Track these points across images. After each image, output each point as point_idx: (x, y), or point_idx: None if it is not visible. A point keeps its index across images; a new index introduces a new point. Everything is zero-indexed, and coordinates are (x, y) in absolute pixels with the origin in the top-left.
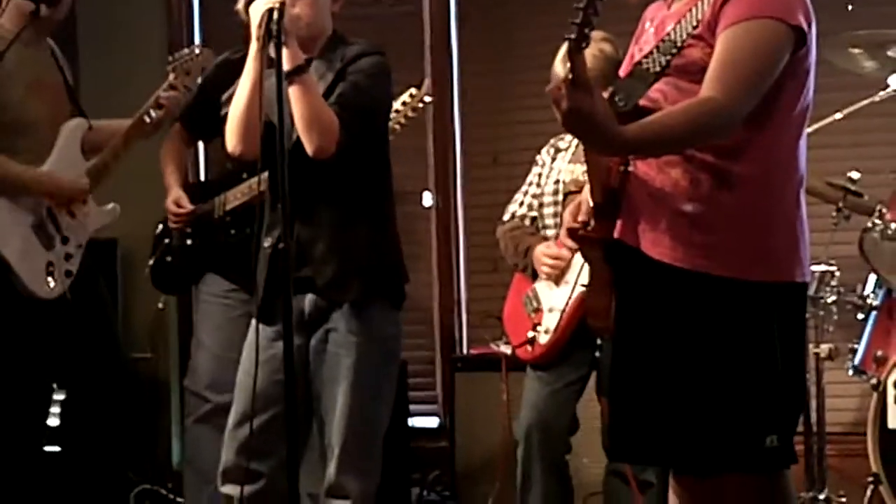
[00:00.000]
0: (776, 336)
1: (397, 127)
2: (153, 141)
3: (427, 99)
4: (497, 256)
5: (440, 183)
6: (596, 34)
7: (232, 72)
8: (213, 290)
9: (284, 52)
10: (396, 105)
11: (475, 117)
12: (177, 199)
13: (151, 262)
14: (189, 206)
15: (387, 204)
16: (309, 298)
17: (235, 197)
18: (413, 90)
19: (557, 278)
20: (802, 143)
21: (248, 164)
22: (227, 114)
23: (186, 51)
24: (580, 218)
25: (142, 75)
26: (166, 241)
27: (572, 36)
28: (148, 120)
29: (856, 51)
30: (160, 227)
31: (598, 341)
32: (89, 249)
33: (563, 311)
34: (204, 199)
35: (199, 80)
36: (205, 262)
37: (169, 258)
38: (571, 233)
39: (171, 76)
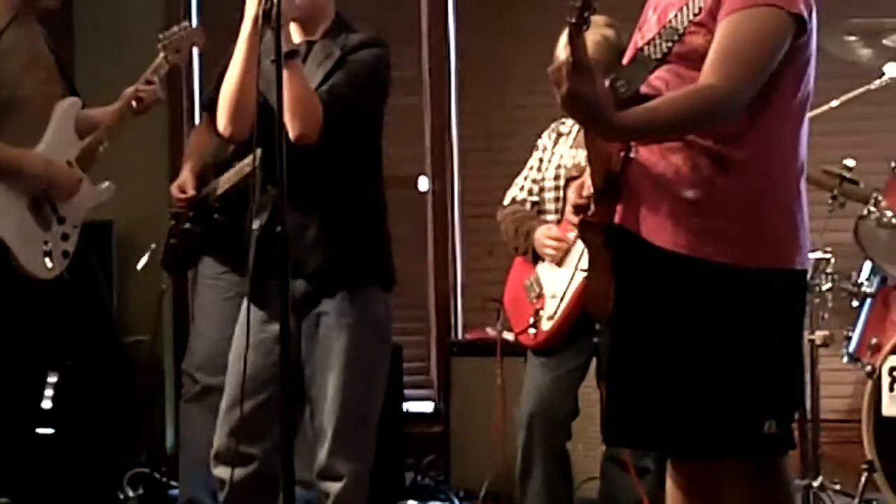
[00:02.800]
0: (775, 323)
1: None
2: (147, 125)
3: None
4: (493, 241)
5: (436, 168)
6: (599, 20)
7: None
8: (208, 273)
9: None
10: None
11: (471, 102)
12: (181, 183)
13: (153, 245)
14: (190, 192)
15: (377, 191)
16: (299, 282)
17: (226, 181)
18: None
19: (560, 261)
20: (803, 131)
21: (242, 149)
22: None
23: (176, 28)
24: (584, 193)
25: (138, 56)
26: (174, 222)
27: (573, 18)
28: (134, 105)
29: (852, 39)
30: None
31: (597, 327)
32: (85, 232)
33: (566, 297)
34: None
35: (221, 68)
36: (201, 246)
37: (172, 240)
38: (578, 209)
39: (162, 54)
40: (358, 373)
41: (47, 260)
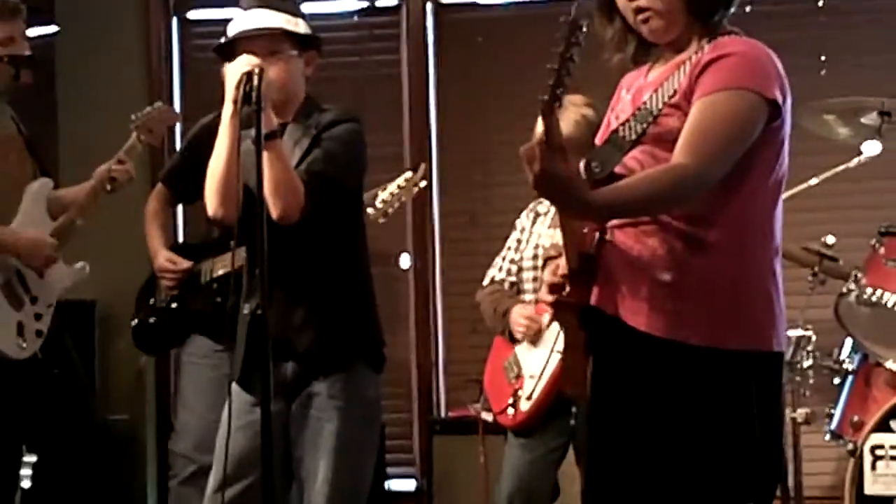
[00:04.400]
0: (753, 404)
1: (390, 210)
2: (131, 204)
3: (422, 184)
4: (475, 318)
5: (418, 245)
6: (578, 99)
7: (216, 135)
8: (199, 352)
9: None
10: (391, 188)
11: (453, 178)
12: (169, 256)
13: (135, 322)
14: (185, 263)
15: (363, 267)
16: (289, 364)
17: (223, 265)
18: (409, 174)
19: (535, 340)
20: (778, 213)
21: (229, 229)
22: None
23: (149, 108)
24: (560, 272)
25: (121, 134)
26: (150, 301)
27: (545, 97)
28: (108, 188)
29: (830, 117)
30: (143, 287)
31: (573, 408)
32: (68, 311)
33: (545, 377)
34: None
35: (184, 142)
36: (189, 325)
37: (152, 319)
38: (553, 288)
39: (134, 135)
40: (347, 456)
41: (20, 340)
